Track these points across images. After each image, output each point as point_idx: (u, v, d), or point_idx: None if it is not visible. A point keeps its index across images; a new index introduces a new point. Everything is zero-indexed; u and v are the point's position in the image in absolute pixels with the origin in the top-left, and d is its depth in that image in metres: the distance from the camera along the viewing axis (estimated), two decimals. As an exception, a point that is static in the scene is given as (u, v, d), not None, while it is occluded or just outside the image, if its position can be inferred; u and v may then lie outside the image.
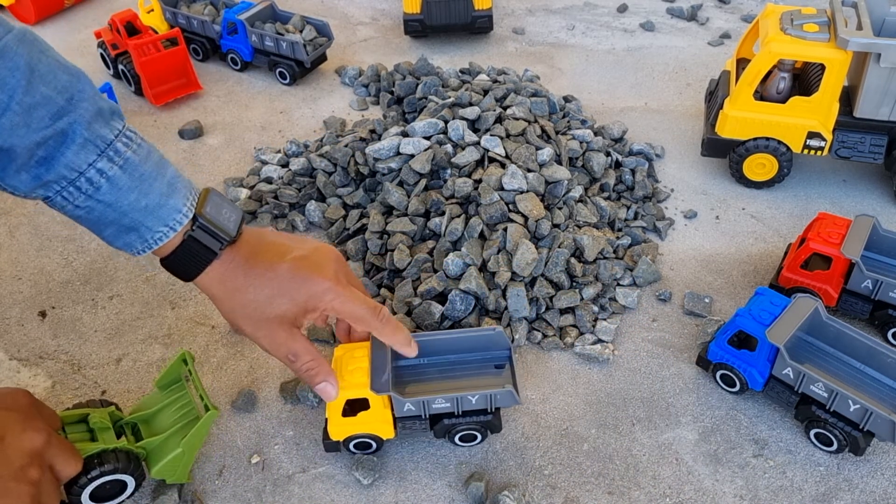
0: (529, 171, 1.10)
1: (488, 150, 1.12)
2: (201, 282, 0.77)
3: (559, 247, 1.03)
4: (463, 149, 1.13)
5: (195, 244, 0.75)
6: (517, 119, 1.17)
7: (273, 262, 0.78)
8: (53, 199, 0.70)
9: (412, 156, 1.13)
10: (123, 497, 0.81)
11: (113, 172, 0.70)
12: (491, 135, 1.13)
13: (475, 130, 1.17)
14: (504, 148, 1.12)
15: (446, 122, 1.17)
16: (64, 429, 0.79)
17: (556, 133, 1.22)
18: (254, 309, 0.77)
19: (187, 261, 0.75)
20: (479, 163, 1.13)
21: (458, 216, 1.06)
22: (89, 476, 0.76)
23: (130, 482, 0.81)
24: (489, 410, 0.87)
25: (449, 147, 1.13)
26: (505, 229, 1.03)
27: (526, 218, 1.05)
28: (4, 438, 0.66)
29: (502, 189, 1.07)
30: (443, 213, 1.07)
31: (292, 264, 0.78)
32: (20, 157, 0.66)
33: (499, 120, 1.17)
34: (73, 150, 0.68)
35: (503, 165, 1.11)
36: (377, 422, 0.85)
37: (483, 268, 1.03)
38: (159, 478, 0.81)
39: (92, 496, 0.79)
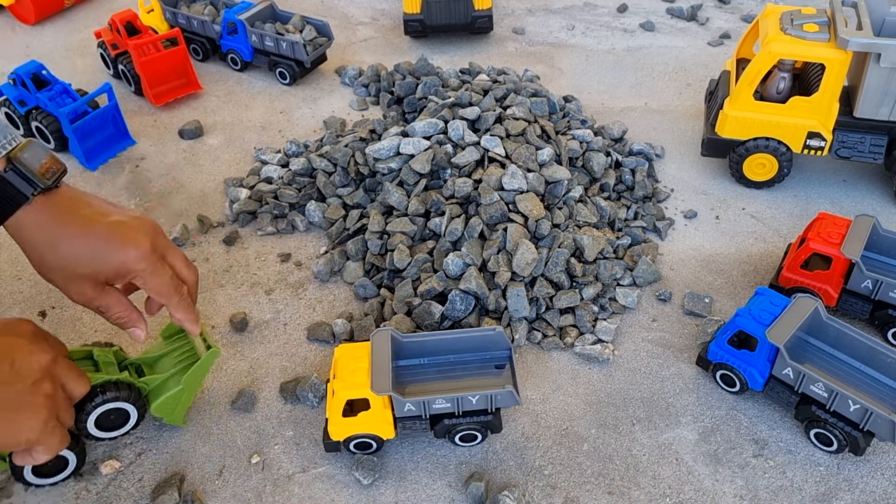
0: (529, 171, 1.10)
1: (488, 150, 1.12)
2: (11, 227, 0.78)
3: (559, 247, 1.03)
4: (463, 149, 1.13)
5: (6, 185, 0.75)
6: (517, 119, 1.17)
7: (90, 221, 0.79)
8: None
9: (412, 156, 1.13)
10: (127, 428, 0.85)
11: None
12: (491, 135, 1.13)
13: (475, 130, 1.17)
14: (504, 148, 1.12)
15: (446, 122, 1.17)
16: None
17: (556, 133, 1.22)
18: (66, 264, 0.78)
19: None
20: (479, 163, 1.13)
21: (458, 216, 1.06)
22: (94, 402, 0.80)
23: (133, 412, 0.84)
24: (489, 410, 0.87)
25: (449, 147, 1.13)
26: (505, 229, 1.03)
27: (526, 218, 1.05)
28: (14, 360, 0.69)
29: (502, 189, 1.07)
30: (443, 214, 1.07)
31: (109, 228, 0.79)
32: None
33: (499, 120, 1.17)
34: None
35: (503, 165, 1.11)
36: (377, 422, 0.85)
37: (483, 268, 1.03)
38: (158, 415, 0.85)
39: (98, 425, 0.82)
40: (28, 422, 0.69)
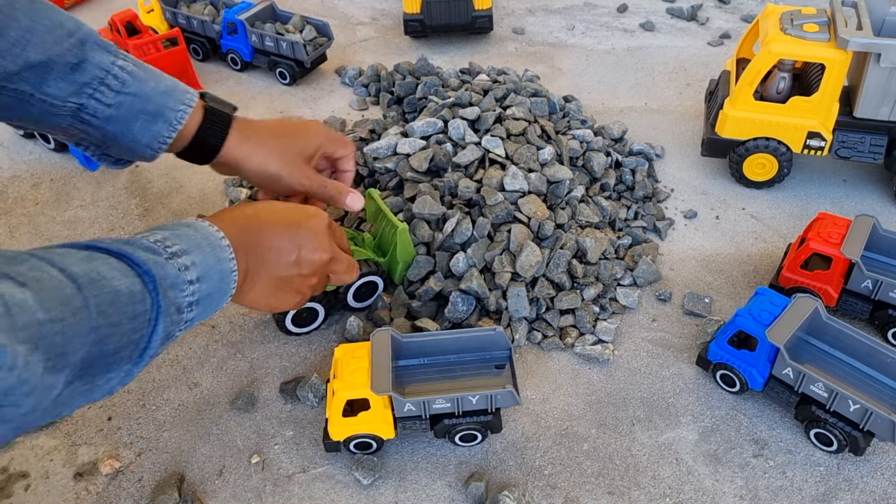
0: (531, 171, 1.10)
1: (489, 151, 1.12)
2: (228, 147, 0.87)
3: (561, 248, 1.03)
4: (464, 148, 1.12)
5: (214, 113, 0.87)
6: (517, 119, 1.17)
7: (275, 122, 0.94)
8: (86, 106, 0.78)
9: (409, 155, 1.13)
10: (375, 296, 1.05)
11: (130, 68, 0.81)
12: (492, 135, 1.13)
13: (475, 131, 1.17)
14: (505, 149, 1.12)
15: (446, 121, 1.17)
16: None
17: (557, 133, 1.21)
18: (285, 154, 0.89)
19: (213, 131, 0.86)
20: (481, 162, 1.13)
21: (465, 217, 1.06)
22: (358, 279, 1.01)
23: (380, 283, 1.04)
24: (489, 411, 0.87)
25: (449, 146, 1.13)
26: (509, 230, 1.03)
27: (529, 219, 1.05)
28: (301, 251, 0.79)
29: (504, 190, 1.07)
30: (450, 209, 1.07)
31: (290, 121, 0.97)
32: (57, 65, 0.75)
33: (499, 120, 1.17)
34: (96, 52, 0.78)
35: (503, 167, 1.11)
36: (377, 422, 0.85)
37: (486, 269, 1.03)
38: (399, 282, 1.05)
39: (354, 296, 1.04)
40: (287, 302, 0.81)
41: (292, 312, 0.99)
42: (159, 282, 0.61)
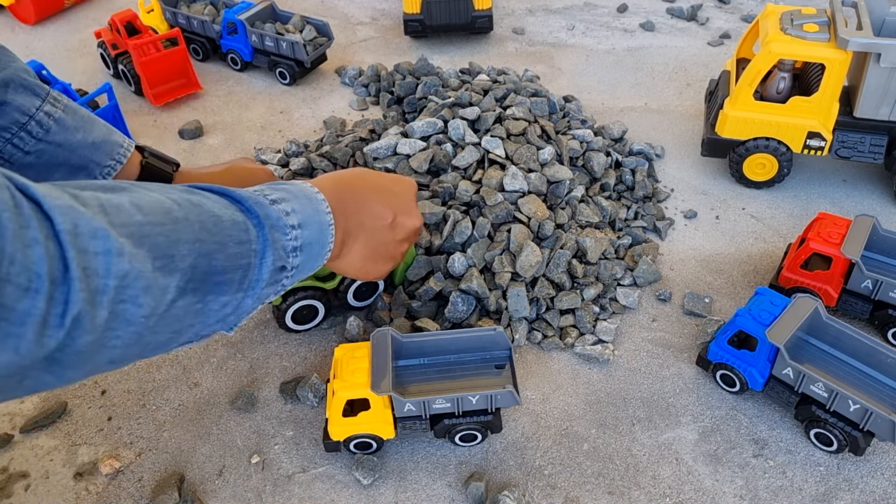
0: (531, 171, 1.10)
1: (489, 152, 1.12)
2: None
3: (561, 248, 1.03)
4: (463, 149, 1.12)
5: (153, 169, 0.85)
6: (517, 119, 1.17)
7: (213, 170, 0.94)
8: (3, 150, 0.74)
9: (409, 156, 1.13)
10: (375, 296, 1.04)
11: (59, 115, 0.77)
12: (492, 136, 1.13)
13: (475, 131, 1.17)
14: (504, 149, 1.12)
15: (446, 121, 1.17)
16: None
17: (557, 133, 1.21)
18: None
19: None
20: (480, 163, 1.13)
21: (464, 219, 1.06)
22: None
23: (380, 283, 1.03)
24: (489, 410, 0.87)
25: (449, 146, 1.13)
26: (509, 230, 1.03)
27: (529, 219, 1.05)
28: (396, 217, 0.81)
29: (503, 190, 1.07)
30: (447, 207, 1.07)
31: (232, 167, 0.95)
32: None
33: (499, 120, 1.17)
34: (20, 95, 0.74)
35: (503, 167, 1.10)
36: (377, 422, 0.85)
37: (486, 269, 1.03)
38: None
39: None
40: (381, 268, 0.83)
41: (292, 309, 1.00)
42: (263, 219, 0.62)
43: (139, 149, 0.86)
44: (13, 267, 0.42)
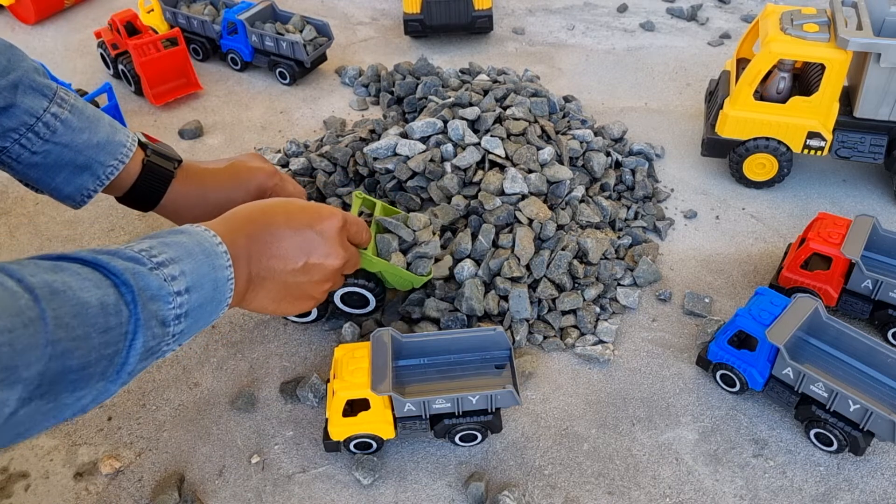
0: (531, 171, 1.10)
1: (489, 152, 1.12)
2: (167, 201, 0.88)
3: (562, 249, 1.03)
4: (463, 149, 1.12)
5: (155, 167, 0.86)
6: (517, 119, 1.17)
7: (216, 166, 0.93)
8: (10, 150, 0.75)
9: (409, 158, 1.13)
10: (367, 310, 0.99)
11: (65, 116, 0.78)
12: (492, 136, 1.13)
13: (475, 131, 1.17)
14: (504, 149, 1.12)
15: (445, 122, 1.17)
16: None
17: (556, 133, 1.21)
18: (222, 203, 0.85)
19: (151, 185, 0.86)
20: (479, 164, 1.12)
21: (465, 227, 1.05)
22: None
23: (371, 299, 0.98)
24: (489, 411, 0.87)
25: (449, 146, 1.12)
26: (511, 232, 1.03)
27: (531, 220, 1.05)
28: (310, 257, 0.78)
29: (503, 194, 1.06)
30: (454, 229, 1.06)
31: (237, 165, 0.94)
32: None
33: (499, 120, 1.17)
34: (29, 97, 0.75)
35: (502, 169, 1.10)
36: (377, 422, 0.85)
37: (492, 277, 1.02)
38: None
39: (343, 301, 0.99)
40: (298, 306, 0.81)
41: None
42: (138, 293, 0.57)
43: (143, 145, 0.87)
44: None
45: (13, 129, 0.75)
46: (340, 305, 0.98)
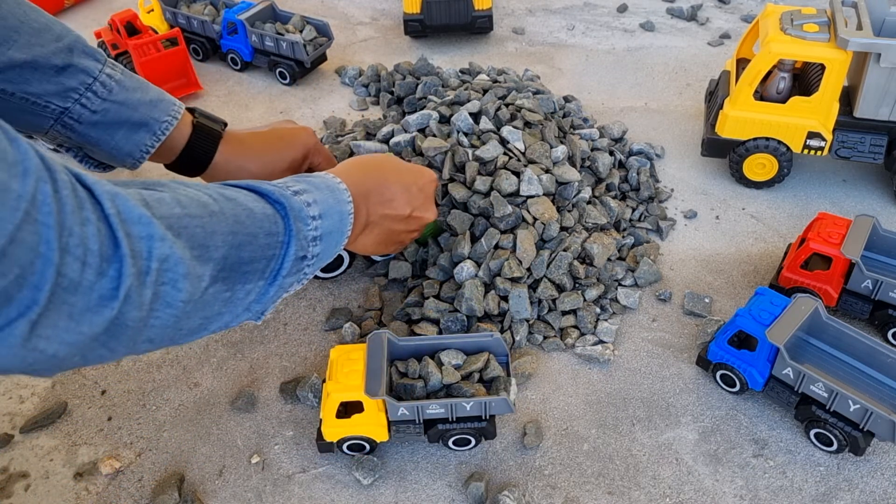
0: (546, 171, 1.08)
1: (508, 143, 1.09)
2: (217, 162, 0.90)
3: (564, 251, 1.02)
4: (478, 137, 1.11)
5: (204, 128, 0.89)
6: (532, 111, 1.15)
7: (262, 132, 0.96)
8: (71, 110, 0.80)
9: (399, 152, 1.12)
10: (340, 270, 1.06)
11: (118, 76, 0.83)
12: (514, 126, 1.11)
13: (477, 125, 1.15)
14: (524, 142, 1.10)
15: (443, 116, 1.16)
16: None
17: (564, 133, 1.20)
18: (272, 167, 0.93)
19: (202, 147, 0.89)
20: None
21: (469, 229, 1.05)
22: None
23: (346, 257, 1.05)
24: (483, 417, 0.86)
25: (463, 138, 1.11)
26: (513, 234, 1.02)
27: (535, 220, 1.04)
28: (414, 211, 0.87)
29: (518, 195, 1.04)
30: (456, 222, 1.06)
31: (281, 129, 0.97)
32: (42, 67, 0.77)
33: (510, 117, 1.15)
34: (84, 58, 0.80)
35: (517, 174, 1.06)
36: (371, 424, 0.84)
37: (493, 277, 1.02)
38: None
39: None
40: (389, 250, 0.91)
41: None
42: (289, 209, 0.66)
43: (189, 110, 0.92)
44: (72, 238, 0.47)
45: (73, 88, 0.79)
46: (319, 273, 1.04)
